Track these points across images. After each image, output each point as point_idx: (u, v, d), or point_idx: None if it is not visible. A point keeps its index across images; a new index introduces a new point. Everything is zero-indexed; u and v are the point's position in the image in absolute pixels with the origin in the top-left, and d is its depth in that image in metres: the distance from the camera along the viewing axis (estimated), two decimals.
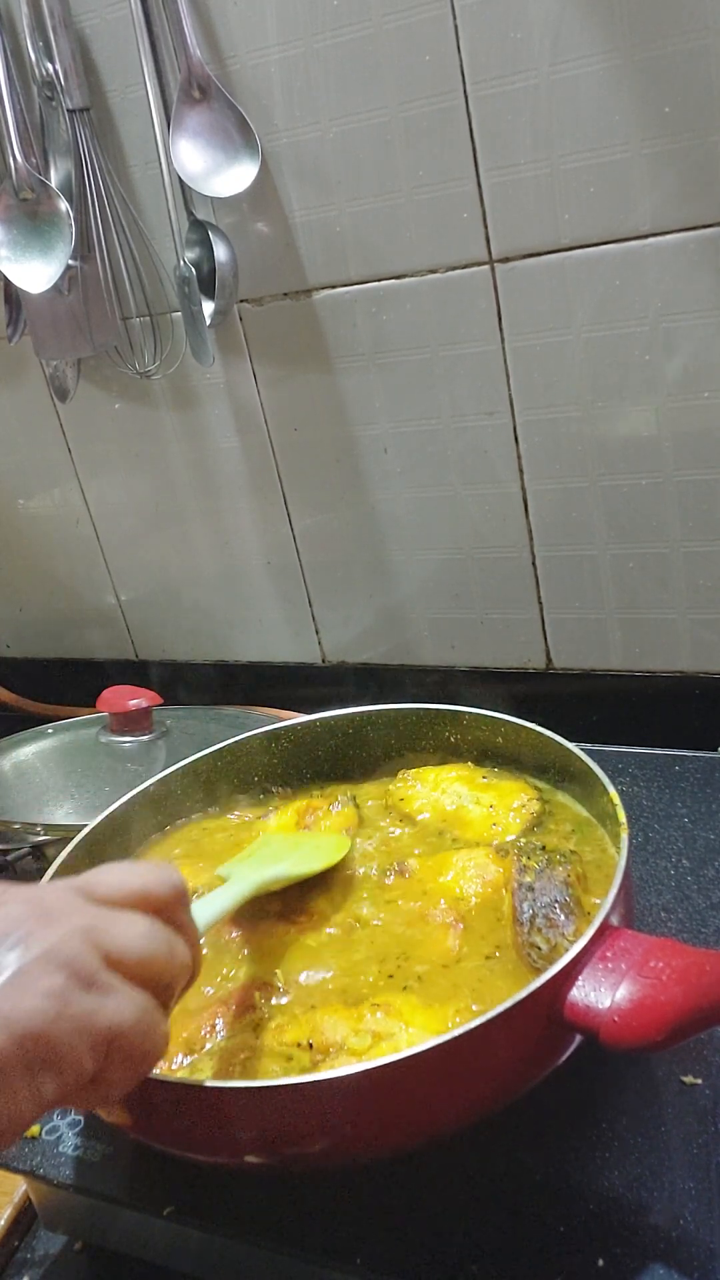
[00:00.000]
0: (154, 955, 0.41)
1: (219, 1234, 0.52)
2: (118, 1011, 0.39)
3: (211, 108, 0.82)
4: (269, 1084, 0.46)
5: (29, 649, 1.22)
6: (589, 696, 0.92)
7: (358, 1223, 0.50)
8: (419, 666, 0.99)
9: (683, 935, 0.64)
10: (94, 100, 0.87)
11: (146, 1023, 0.40)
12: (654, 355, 0.77)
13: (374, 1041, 0.51)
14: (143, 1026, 0.40)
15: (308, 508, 0.97)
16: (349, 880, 0.65)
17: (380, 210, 0.81)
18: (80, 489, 1.08)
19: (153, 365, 0.96)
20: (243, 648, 1.08)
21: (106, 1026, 0.38)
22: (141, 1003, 0.40)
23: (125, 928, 0.41)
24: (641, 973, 0.47)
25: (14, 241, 0.88)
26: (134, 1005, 0.39)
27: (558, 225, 0.76)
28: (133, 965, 0.40)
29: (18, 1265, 0.58)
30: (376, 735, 0.76)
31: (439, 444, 0.88)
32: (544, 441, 0.84)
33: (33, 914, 0.39)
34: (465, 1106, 0.48)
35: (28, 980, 0.37)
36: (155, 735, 0.95)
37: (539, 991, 0.47)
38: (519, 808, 0.67)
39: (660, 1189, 0.49)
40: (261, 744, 0.76)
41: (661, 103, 0.70)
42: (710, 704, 0.87)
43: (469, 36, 0.73)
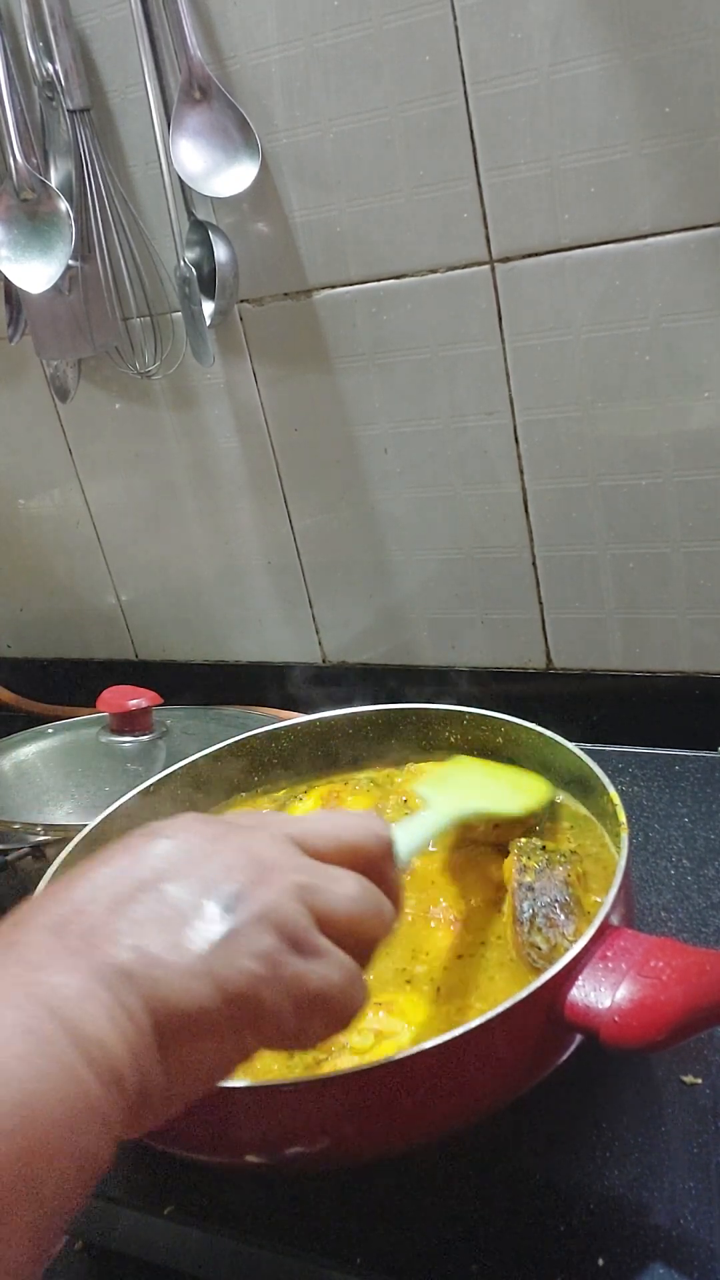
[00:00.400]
0: (364, 916, 0.41)
1: (219, 1234, 0.52)
2: (325, 976, 0.39)
3: (211, 108, 0.82)
4: (269, 1084, 0.46)
5: (29, 649, 1.22)
6: (589, 696, 0.92)
7: (358, 1223, 0.50)
8: (419, 666, 0.99)
9: (683, 935, 0.64)
10: (94, 100, 0.87)
11: (349, 985, 0.40)
12: (654, 355, 0.77)
13: (376, 1040, 0.51)
14: (346, 989, 0.40)
15: (308, 508, 0.97)
16: None
17: (380, 210, 0.81)
18: (80, 489, 1.08)
19: (153, 365, 0.96)
20: (243, 648, 1.08)
21: (314, 991, 0.38)
22: (348, 966, 0.40)
23: (337, 888, 0.41)
24: (642, 972, 0.47)
25: (14, 241, 0.88)
26: (341, 969, 0.40)
27: (558, 225, 0.76)
28: (343, 926, 0.40)
29: None
30: (376, 735, 0.76)
31: (439, 444, 0.88)
32: (544, 441, 0.84)
33: (250, 865, 0.40)
34: (465, 1106, 0.48)
35: (242, 941, 0.37)
36: (155, 735, 0.94)
37: (539, 991, 0.47)
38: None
39: (660, 1189, 0.49)
40: (261, 744, 0.76)
41: (661, 103, 0.70)
42: (710, 704, 0.87)
43: (469, 36, 0.73)
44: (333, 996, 0.39)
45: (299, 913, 0.39)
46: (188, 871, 0.39)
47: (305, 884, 0.40)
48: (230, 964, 0.36)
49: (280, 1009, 0.37)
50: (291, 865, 0.41)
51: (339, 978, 0.39)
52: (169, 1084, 0.35)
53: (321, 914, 0.40)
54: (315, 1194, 0.52)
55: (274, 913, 0.38)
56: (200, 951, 0.36)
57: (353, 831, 0.44)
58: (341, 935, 0.40)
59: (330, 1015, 0.39)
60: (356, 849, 0.43)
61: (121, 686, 0.97)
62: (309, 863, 0.41)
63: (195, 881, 0.38)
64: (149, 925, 0.36)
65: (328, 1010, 0.39)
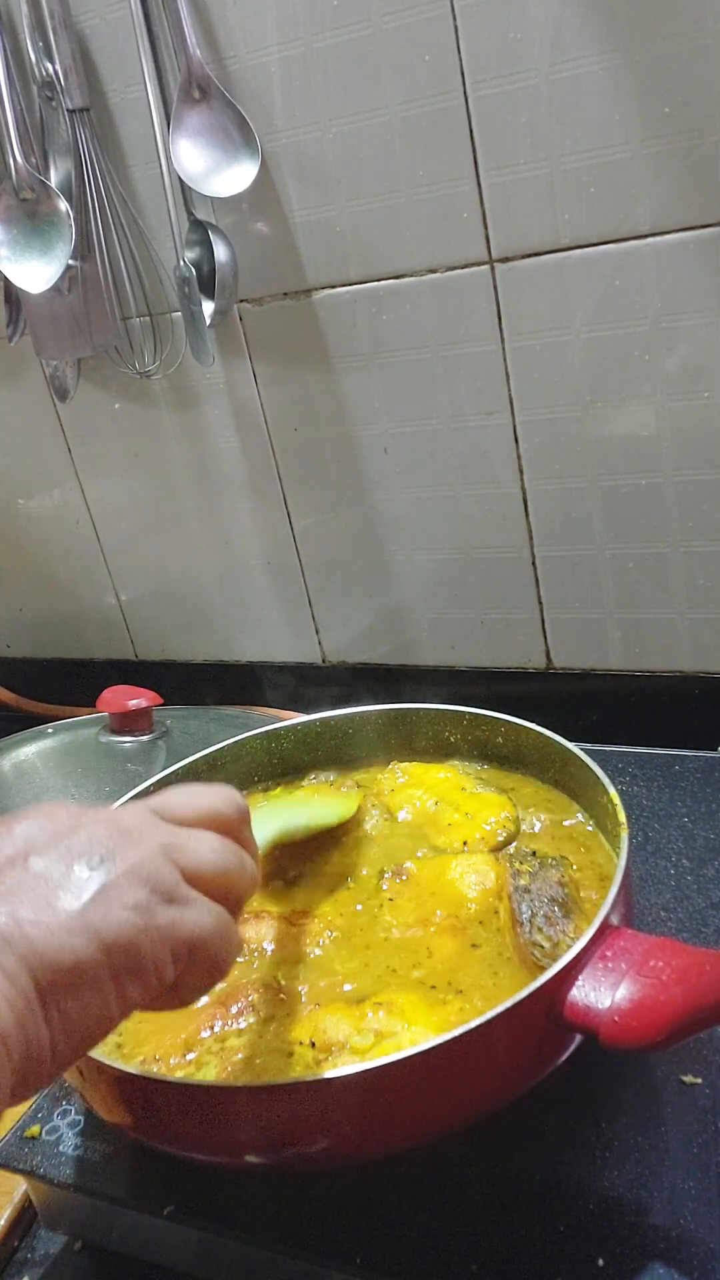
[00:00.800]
0: (227, 869, 0.44)
1: (219, 1234, 0.51)
2: (197, 922, 0.41)
3: (211, 108, 0.82)
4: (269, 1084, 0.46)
5: (29, 649, 1.22)
6: (589, 696, 0.92)
7: (358, 1223, 0.50)
8: (419, 666, 0.99)
9: (683, 935, 0.64)
10: (94, 100, 0.87)
11: (223, 931, 0.42)
12: (654, 355, 0.77)
13: (376, 1040, 0.51)
14: (220, 935, 0.42)
15: (308, 508, 0.97)
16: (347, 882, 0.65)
17: (380, 210, 0.81)
18: (80, 489, 1.08)
19: (153, 365, 0.96)
20: (243, 648, 1.08)
21: (188, 935, 0.40)
22: (217, 913, 0.42)
23: (199, 844, 0.44)
24: (641, 972, 0.47)
25: (14, 241, 0.88)
26: (211, 915, 0.42)
27: (558, 225, 0.76)
28: (208, 879, 0.43)
29: (18, 1265, 0.58)
30: (376, 735, 0.76)
31: (439, 444, 0.88)
32: (544, 441, 0.84)
33: (115, 834, 0.41)
34: (465, 1106, 0.48)
35: (115, 894, 0.39)
36: (155, 735, 0.95)
37: (539, 991, 0.47)
38: (492, 825, 0.67)
39: (660, 1189, 0.49)
40: (261, 744, 0.76)
41: (661, 103, 0.70)
42: (710, 704, 0.87)
43: (469, 36, 0.73)
44: (207, 941, 0.41)
45: (166, 867, 0.41)
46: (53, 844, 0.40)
47: (169, 843, 0.42)
48: (105, 916, 0.38)
49: (158, 956, 0.39)
50: (154, 829, 0.43)
51: (211, 922, 0.42)
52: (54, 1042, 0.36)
53: (188, 868, 0.42)
54: (315, 1194, 0.52)
55: (142, 868, 0.40)
56: (74, 908, 0.38)
57: (208, 799, 0.47)
58: (208, 887, 0.43)
59: (207, 961, 0.42)
60: (214, 814, 0.46)
61: (121, 686, 0.98)
62: (171, 827, 0.44)
63: (62, 851, 0.40)
64: (20, 894, 0.38)
65: (204, 956, 0.41)
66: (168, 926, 0.40)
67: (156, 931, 0.39)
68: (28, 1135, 0.57)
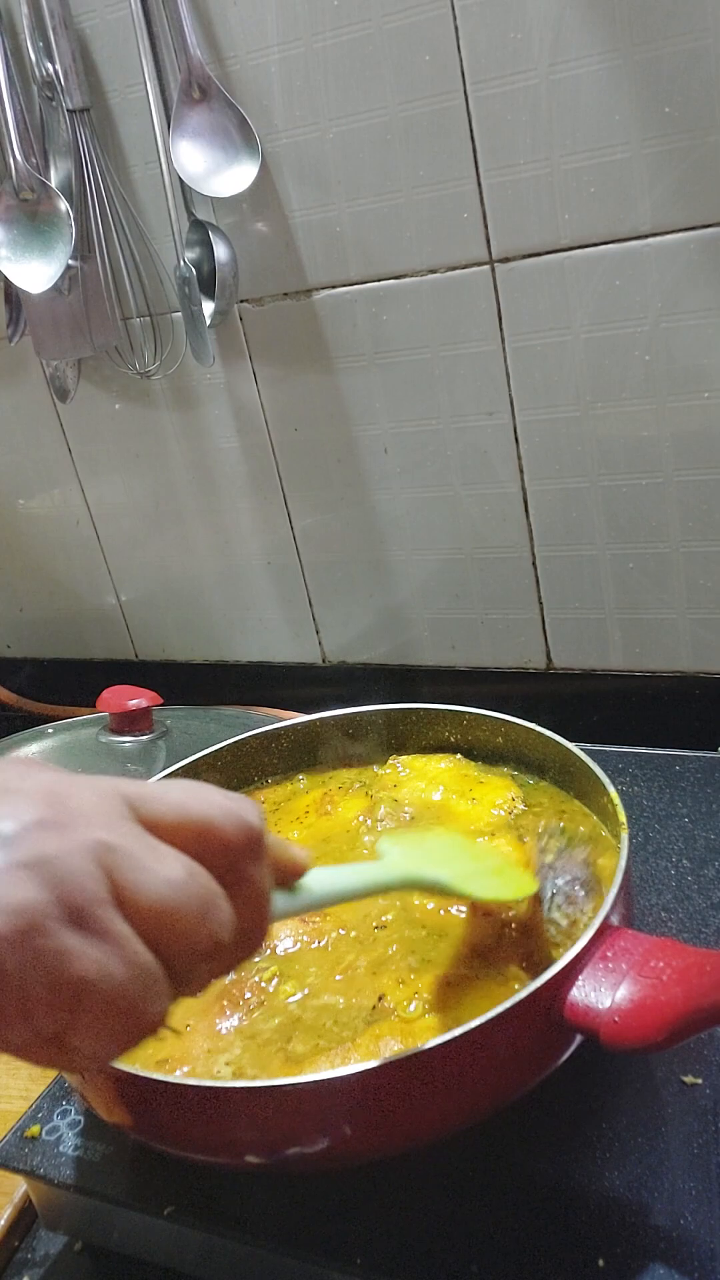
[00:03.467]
0: (179, 910, 0.32)
1: (219, 1234, 0.52)
2: (98, 965, 0.30)
3: (211, 108, 0.82)
4: (269, 1084, 0.46)
5: (29, 649, 1.22)
6: (589, 696, 0.92)
7: (358, 1223, 0.50)
8: (419, 666, 0.99)
9: (683, 935, 0.64)
10: (94, 100, 0.87)
11: (135, 991, 0.31)
12: (654, 355, 0.77)
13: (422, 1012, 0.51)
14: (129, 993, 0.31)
15: (308, 508, 0.97)
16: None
17: (380, 210, 0.81)
18: (80, 489, 1.08)
19: (153, 365, 0.96)
20: (243, 648, 1.08)
21: (78, 977, 0.30)
22: (140, 964, 0.31)
23: (154, 863, 0.32)
24: (642, 973, 0.47)
25: (14, 241, 0.88)
26: (126, 964, 0.31)
27: (558, 225, 0.76)
28: (147, 914, 0.32)
29: (18, 1265, 0.58)
30: (376, 735, 0.76)
31: (439, 444, 0.88)
32: (544, 441, 0.84)
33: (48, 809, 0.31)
34: (466, 1106, 0.48)
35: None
36: (155, 735, 0.95)
37: (539, 991, 0.47)
38: (500, 804, 0.67)
39: (660, 1189, 0.49)
40: (261, 744, 0.76)
41: (661, 103, 0.70)
42: (710, 704, 0.87)
43: (469, 36, 0.73)
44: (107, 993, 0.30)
45: (90, 875, 0.30)
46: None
47: (113, 844, 0.31)
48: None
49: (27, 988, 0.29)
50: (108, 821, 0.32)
51: (121, 972, 0.30)
52: None
53: (124, 890, 0.31)
54: (315, 1194, 0.52)
55: (52, 863, 0.30)
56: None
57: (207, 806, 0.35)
58: (147, 925, 0.32)
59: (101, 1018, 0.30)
60: (207, 830, 0.35)
61: (121, 686, 0.98)
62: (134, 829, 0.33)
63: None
64: None
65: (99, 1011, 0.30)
66: (54, 954, 0.29)
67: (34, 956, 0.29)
68: (28, 1135, 0.57)
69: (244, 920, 0.36)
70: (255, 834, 0.36)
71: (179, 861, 0.33)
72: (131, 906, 0.31)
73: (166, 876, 0.32)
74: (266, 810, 0.73)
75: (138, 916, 0.31)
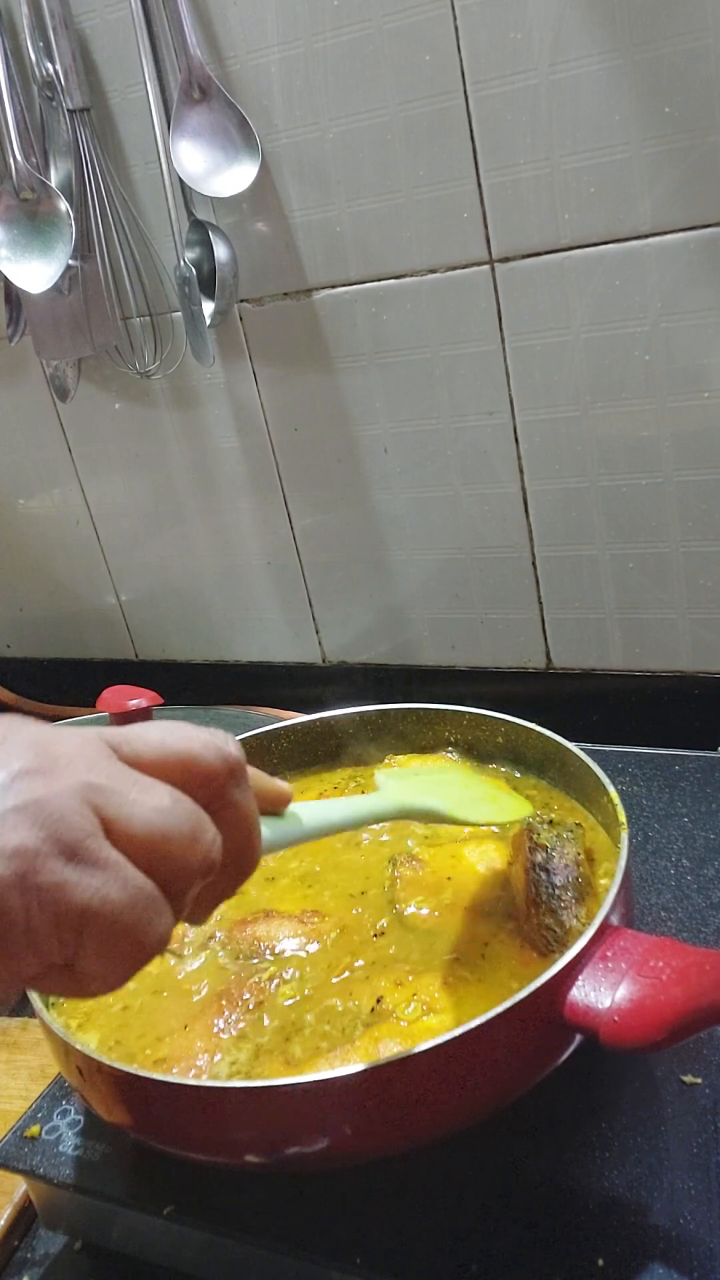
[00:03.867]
0: (169, 833, 0.34)
1: (219, 1234, 0.52)
2: (97, 891, 0.32)
3: (211, 108, 0.82)
4: (269, 1084, 0.46)
5: (29, 649, 1.22)
6: (589, 696, 0.92)
7: (358, 1223, 0.50)
8: (419, 666, 0.99)
9: (683, 935, 0.64)
10: (94, 100, 0.87)
11: (135, 911, 0.33)
12: (654, 355, 0.77)
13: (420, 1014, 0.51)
14: (129, 915, 0.32)
15: (308, 508, 0.97)
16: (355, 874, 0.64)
17: (380, 210, 0.81)
18: (80, 489, 1.08)
19: (153, 365, 0.96)
20: (243, 648, 1.08)
21: (80, 906, 0.31)
22: (136, 886, 0.33)
23: (140, 794, 0.34)
24: (641, 972, 0.47)
25: (14, 241, 0.88)
26: (123, 888, 0.32)
27: (558, 225, 0.76)
28: (139, 842, 0.33)
29: (18, 1265, 0.58)
30: (376, 735, 0.76)
31: (439, 444, 0.88)
32: (544, 441, 0.84)
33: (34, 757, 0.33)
34: (466, 1106, 0.48)
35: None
36: None
37: (539, 991, 0.47)
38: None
39: (660, 1189, 0.49)
40: (261, 744, 0.76)
41: (661, 103, 0.70)
42: (710, 704, 0.87)
43: (469, 36, 0.73)
44: (104, 917, 0.32)
45: (79, 813, 0.32)
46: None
47: (98, 784, 0.33)
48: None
49: (32, 923, 0.31)
50: (92, 763, 0.34)
51: (120, 895, 0.32)
52: None
53: (114, 822, 0.33)
54: (315, 1194, 0.52)
55: (42, 806, 0.32)
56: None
57: (186, 741, 0.37)
58: (139, 853, 0.33)
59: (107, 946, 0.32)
60: (190, 762, 0.36)
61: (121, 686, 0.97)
62: (117, 766, 0.35)
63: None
64: None
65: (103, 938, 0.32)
66: (53, 888, 0.31)
67: (36, 892, 0.31)
68: (28, 1135, 0.57)
69: (234, 842, 0.38)
70: (235, 761, 0.38)
71: (164, 790, 0.35)
72: (122, 836, 0.33)
73: (154, 804, 0.34)
74: None
75: (130, 845, 0.33)
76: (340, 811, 0.47)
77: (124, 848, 0.33)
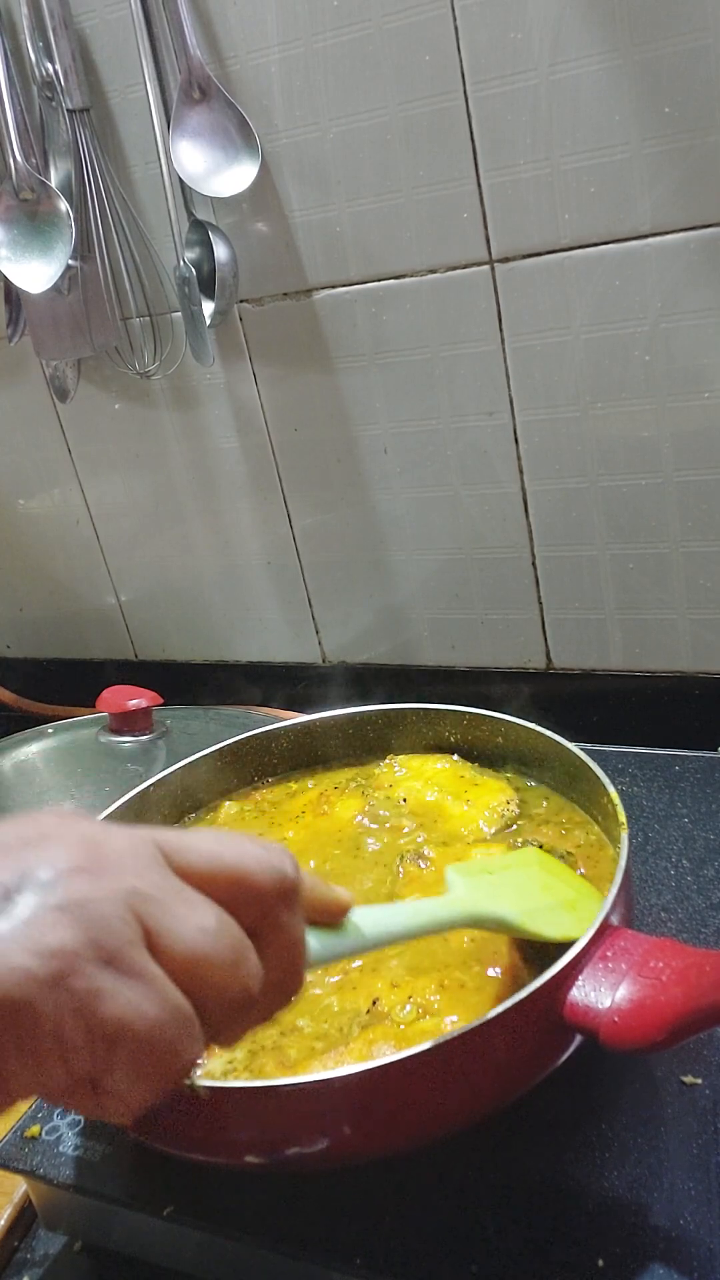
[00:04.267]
0: (211, 959, 0.33)
1: (219, 1234, 0.51)
2: (133, 1005, 0.30)
3: (211, 108, 0.82)
4: (269, 1084, 0.46)
5: (29, 649, 1.22)
6: (589, 696, 0.92)
7: (358, 1223, 0.50)
8: (419, 666, 0.99)
9: (683, 935, 0.64)
10: (94, 100, 0.87)
11: (170, 1031, 0.31)
12: (654, 355, 0.77)
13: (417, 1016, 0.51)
14: (164, 1033, 0.31)
15: (308, 508, 0.97)
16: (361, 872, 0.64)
17: (380, 210, 0.81)
18: (80, 489, 1.08)
19: (153, 365, 0.96)
20: (243, 648, 1.08)
21: (115, 1017, 0.30)
22: (173, 1004, 0.31)
23: (186, 910, 0.33)
24: (641, 973, 0.47)
25: (14, 241, 0.88)
26: (160, 1004, 0.31)
27: (558, 225, 0.76)
28: (179, 960, 0.32)
29: (18, 1265, 0.58)
30: (376, 735, 0.76)
31: (439, 444, 0.88)
32: (544, 441, 0.84)
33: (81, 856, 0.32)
34: (465, 1106, 0.48)
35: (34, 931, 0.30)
36: (155, 735, 0.95)
37: (539, 991, 0.47)
38: (495, 808, 0.67)
39: (660, 1189, 0.49)
40: (261, 744, 0.76)
41: (661, 103, 0.70)
42: (710, 704, 0.87)
43: (469, 36, 0.73)
44: (143, 1032, 0.30)
45: (123, 919, 0.31)
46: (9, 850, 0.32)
47: (145, 892, 0.32)
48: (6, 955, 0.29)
49: (63, 1029, 0.29)
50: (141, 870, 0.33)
51: (156, 1012, 0.31)
52: None
53: (157, 935, 0.32)
54: (315, 1194, 0.52)
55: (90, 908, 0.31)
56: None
57: (240, 857, 0.35)
58: (179, 972, 0.32)
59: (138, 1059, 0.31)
60: (240, 878, 0.35)
61: (121, 686, 0.98)
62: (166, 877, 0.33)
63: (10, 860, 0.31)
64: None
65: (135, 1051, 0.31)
66: (88, 994, 0.30)
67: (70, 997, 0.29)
68: (28, 1135, 0.57)
69: (277, 970, 0.37)
70: (289, 882, 0.36)
71: (211, 910, 0.34)
72: (164, 952, 0.32)
73: (199, 924, 0.33)
74: (265, 809, 0.73)
75: (170, 962, 0.32)
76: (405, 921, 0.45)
77: (164, 963, 0.32)
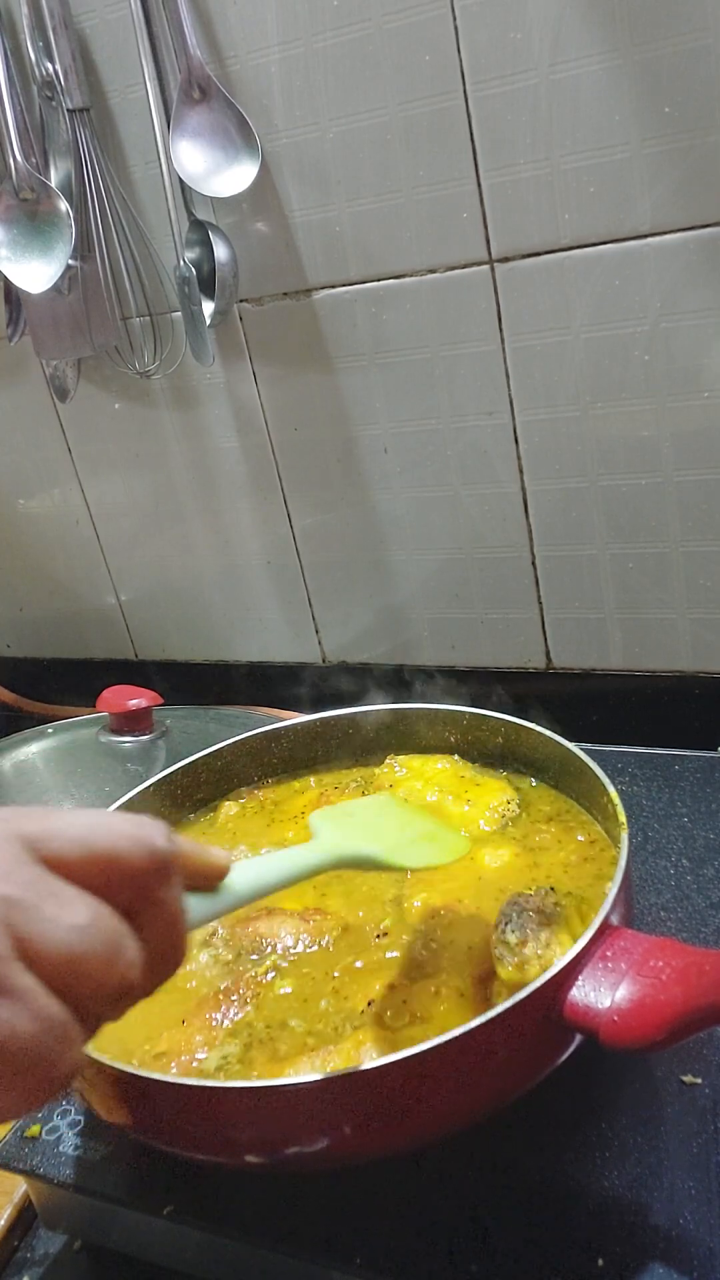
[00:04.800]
0: (87, 956, 0.32)
1: (219, 1234, 0.52)
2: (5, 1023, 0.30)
3: (211, 108, 0.82)
4: (269, 1084, 0.46)
5: (29, 649, 1.22)
6: (589, 696, 0.92)
7: (358, 1223, 0.50)
8: (419, 666, 0.99)
9: (682, 935, 0.64)
10: (94, 100, 0.87)
11: (44, 1045, 0.31)
12: (654, 355, 0.77)
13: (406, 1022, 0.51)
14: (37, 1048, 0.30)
15: (308, 508, 0.97)
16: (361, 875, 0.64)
17: (380, 210, 0.81)
18: (80, 489, 1.08)
19: (153, 365, 0.96)
20: (243, 648, 1.08)
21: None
22: (48, 1016, 0.31)
23: (57, 912, 0.32)
24: (641, 972, 0.47)
25: (14, 241, 0.88)
26: (33, 1020, 0.30)
27: (558, 225, 0.76)
28: (54, 964, 0.31)
29: (18, 1265, 0.58)
30: (376, 735, 0.76)
31: (439, 444, 0.88)
32: (544, 441, 0.84)
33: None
34: (465, 1106, 0.48)
35: None
36: (155, 735, 0.95)
37: (539, 991, 0.47)
38: (495, 808, 0.67)
39: (660, 1189, 0.49)
40: (261, 744, 0.76)
41: (661, 103, 0.70)
42: (710, 704, 0.87)
43: (469, 36, 0.73)
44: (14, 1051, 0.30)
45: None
46: None
47: (14, 899, 0.31)
48: None
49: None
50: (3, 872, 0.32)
51: (30, 1028, 0.30)
52: None
53: (28, 942, 0.31)
54: (315, 1194, 0.52)
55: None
56: None
57: (112, 838, 0.34)
58: (54, 975, 0.31)
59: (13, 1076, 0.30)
60: (113, 861, 0.34)
61: (121, 686, 0.98)
62: (33, 873, 0.32)
63: None
64: None
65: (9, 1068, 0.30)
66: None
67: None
68: (28, 1135, 0.57)
69: (157, 945, 0.36)
70: (163, 857, 0.35)
71: (83, 903, 0.33)
72: (37, 959, 0.31)
73: (70, 923, 0.32)
74: (265, 809, 0.73)
75: (44, 967, 0.31)
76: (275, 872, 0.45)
77: (36, 968, 0.31)
